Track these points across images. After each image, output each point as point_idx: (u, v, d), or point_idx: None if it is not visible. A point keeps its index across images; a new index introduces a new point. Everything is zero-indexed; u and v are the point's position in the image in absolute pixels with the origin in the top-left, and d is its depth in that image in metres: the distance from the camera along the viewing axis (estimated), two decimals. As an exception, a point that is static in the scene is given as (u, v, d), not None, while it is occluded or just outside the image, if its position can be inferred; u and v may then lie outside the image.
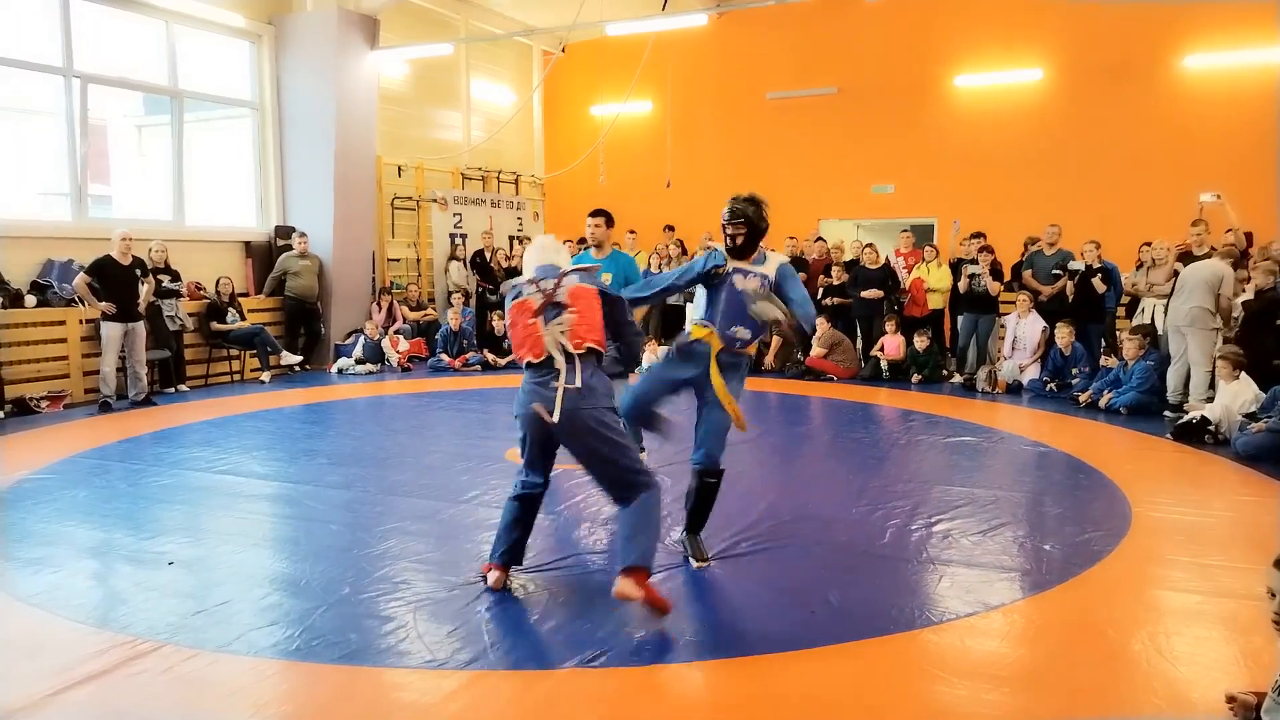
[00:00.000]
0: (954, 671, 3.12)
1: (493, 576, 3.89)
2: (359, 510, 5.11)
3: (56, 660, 3.22)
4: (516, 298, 3.82)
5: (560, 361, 3.65)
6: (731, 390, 4.16)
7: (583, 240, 8.32)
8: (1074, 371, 9.09)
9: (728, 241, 4.25)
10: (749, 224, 4.21)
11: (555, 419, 3.59)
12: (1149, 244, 9.48)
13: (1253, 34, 11.21)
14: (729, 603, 3.76)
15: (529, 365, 3.76)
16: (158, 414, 8.15)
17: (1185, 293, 7.97)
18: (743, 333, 4.20)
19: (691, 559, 4.20)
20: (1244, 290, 8.04)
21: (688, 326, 4.42)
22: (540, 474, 3.93)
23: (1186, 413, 7.40)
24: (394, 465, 6.27)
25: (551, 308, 3.72)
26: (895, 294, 10.80)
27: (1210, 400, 7.53)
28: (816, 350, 10.51)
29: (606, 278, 4.93)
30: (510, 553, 3.93)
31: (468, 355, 11.25)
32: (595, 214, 5.77)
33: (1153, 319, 9.05)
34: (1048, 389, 9.20)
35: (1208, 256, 8.47)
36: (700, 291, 4.32)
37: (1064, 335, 9.20)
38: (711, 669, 3.14)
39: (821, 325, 10.45)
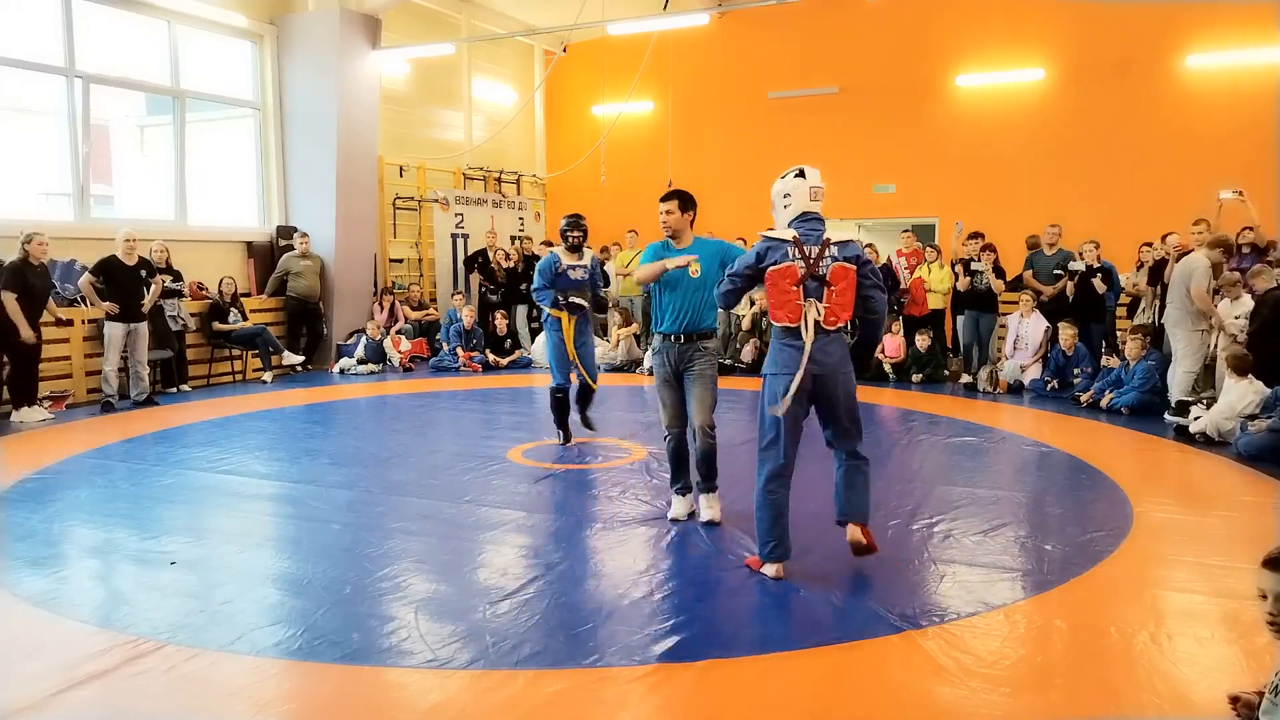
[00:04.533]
0: (955, 671, 3.12)
1: (772, 570, 3.98)
2: (361, 510, 5.12)
3: (59, 660, 3.22)
4: (780, 261, 3.87)
5: (808, 335, 3.83)
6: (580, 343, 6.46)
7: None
8: (1076, 372, 9.06)
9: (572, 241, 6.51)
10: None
11: (800, 379, 3.82)
12: (1149, 244, 9.46)
13: (1254, 34, 11.20)
14: (729, 603, 3.76)
15: (786, 329, 3.92)
16: (160, 414, 8.16)
17: (1170, 291, 7.98)
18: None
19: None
20: (1241, 291, 8.02)
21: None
22: (790, 455, 3.99)
23: (1188, 414, 7.37)
24: (396, 465, 6.27)
25: (813, 280, 3.87)
26: (896, 294, 10.80)
27: (1191, 395, 7.54)
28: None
29: (695, 269, 4.65)
30: (785, 546, 4.02)
31: (472, 354, 11.29)
32: (665, 197, 4.78)
33: (1153, 319, 9.04)
34: (1049, 389, 9.19)
35: None
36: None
37: (1067, 335, 9.17)
38: (711, 669, 3.14)
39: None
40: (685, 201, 4.79)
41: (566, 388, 6.63)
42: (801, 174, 4.07)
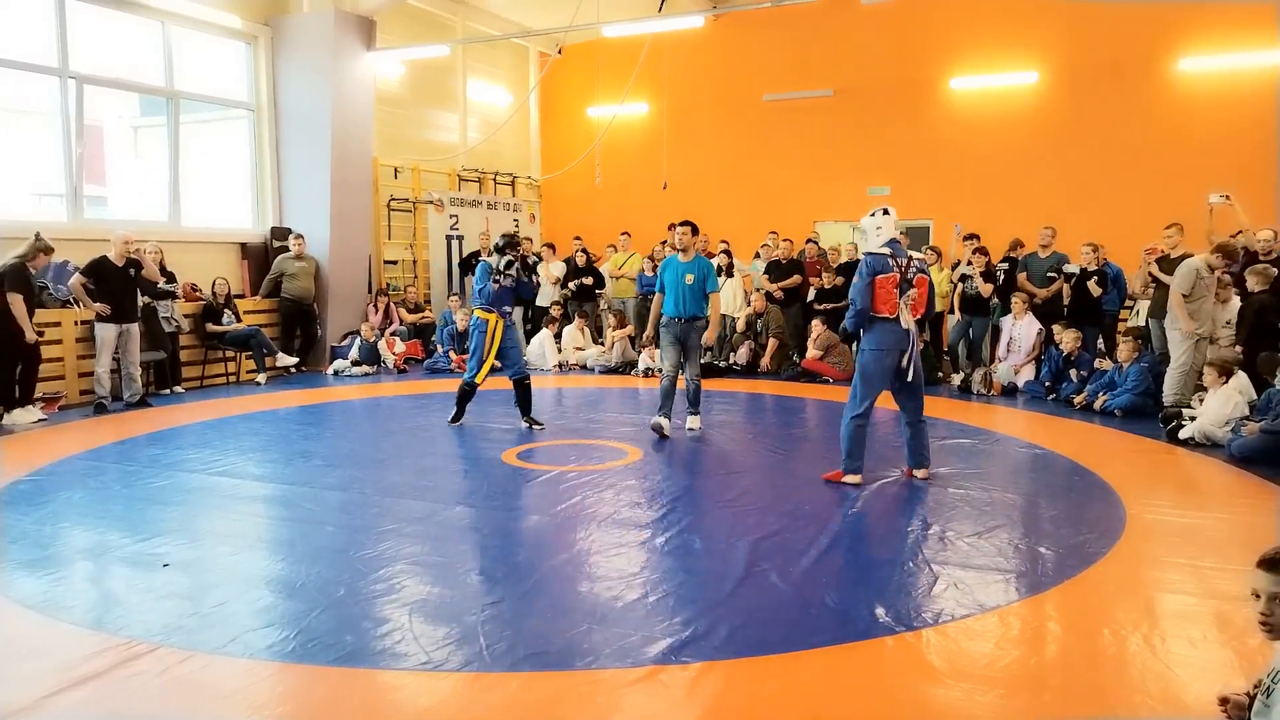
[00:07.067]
0: (949, 673, 3.12)
1: (854, 479, 5.57)
2: (355, 512, 5.11)
3: (52, 662, 3.21)
4: (884, 270, 5.42)
5: (905, 322, 5.46)
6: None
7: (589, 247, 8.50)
8: (1073, 374, 8.99)
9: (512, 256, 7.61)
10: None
11: (905, 362, 5.53)
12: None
13: (1250, 36, 11.24)
14: (724, 605, 3.76)
15: (884, 318, 5.45)
16: (153, 415, 8.13)
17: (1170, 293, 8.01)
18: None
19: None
20: (1231, 294, 8.04)
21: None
22: (871, 405, 5.59)
23: (1179, 417, 7.39)
24: (390, 467, 6.27)
25: (905, 283, 5.43)
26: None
27: (1181, 393, 7.57)
28: (812, 352, 10.53)
29: (690, 278, 7.05)
30: (860, 461, 5.62)
31: (466, 356, 11.29)
32: (682, 224, 7.24)
33: (1146, 321, 9.06)
34: (1049, 396, 9.11)
35: (1185, 258, 8.47)
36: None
37: (1067, 338, 9.08)
38: (706, 671, 3.14)
39: (817, 327, 10.50)
40: (694, 229, 7.28)
41: (475, 384, 7.60)
42: (887, 212, 5.57)
